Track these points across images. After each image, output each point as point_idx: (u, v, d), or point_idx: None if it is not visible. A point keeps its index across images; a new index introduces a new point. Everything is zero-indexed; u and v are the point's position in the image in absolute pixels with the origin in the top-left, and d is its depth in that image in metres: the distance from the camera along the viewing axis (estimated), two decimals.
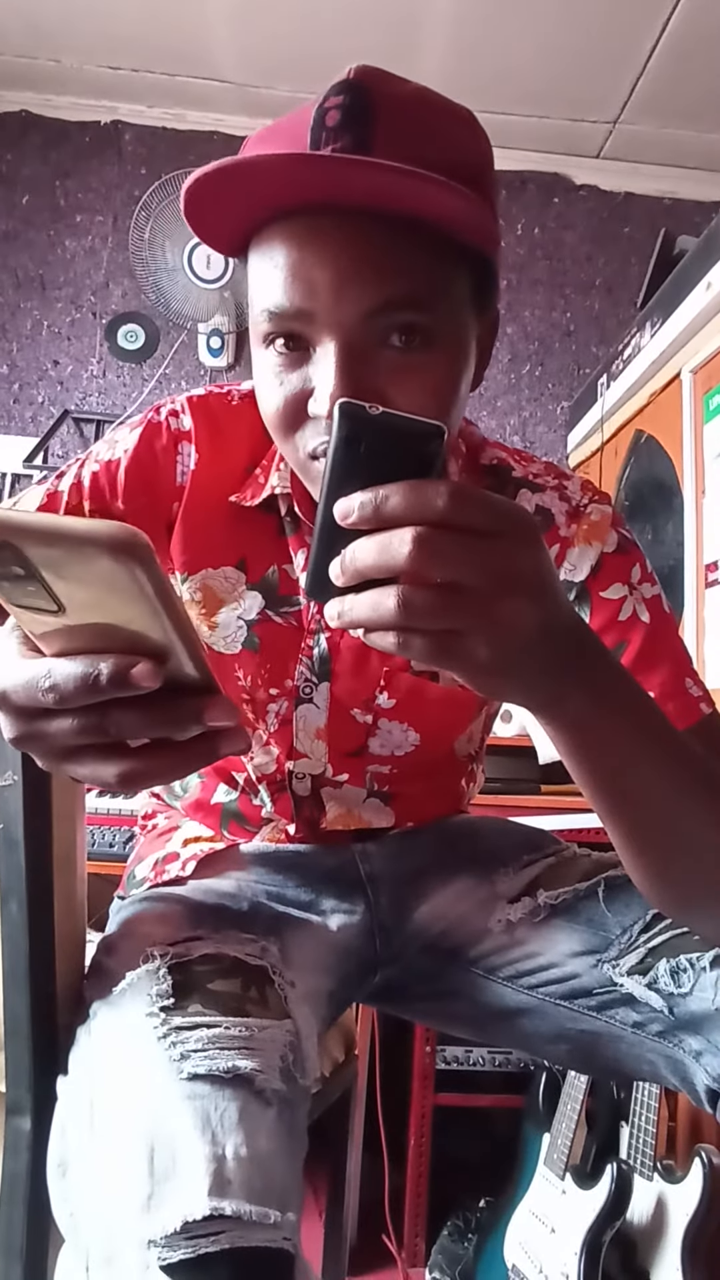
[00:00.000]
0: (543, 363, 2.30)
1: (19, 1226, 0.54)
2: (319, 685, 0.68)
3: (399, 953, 0.72)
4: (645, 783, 0.46)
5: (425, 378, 0.50)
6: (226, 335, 2.14)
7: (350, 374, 0.48)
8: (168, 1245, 0.38)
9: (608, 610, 0.62)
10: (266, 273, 0.50)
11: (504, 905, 0.68)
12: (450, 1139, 1.47)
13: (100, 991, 0.54)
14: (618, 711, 0.43)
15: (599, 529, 0.65)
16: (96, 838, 1.38)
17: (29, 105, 2.23)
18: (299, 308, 0.49)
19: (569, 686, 0.40)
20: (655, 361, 1.69)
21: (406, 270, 0.49)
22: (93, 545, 0.30)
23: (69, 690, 0.34)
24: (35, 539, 0.30)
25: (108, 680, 0.33)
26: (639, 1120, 1.18)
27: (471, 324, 0.54)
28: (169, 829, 0.77)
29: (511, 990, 0.67)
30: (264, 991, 0.53)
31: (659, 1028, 0.59)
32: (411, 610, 0.34)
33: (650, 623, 0.62)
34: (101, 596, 0.32)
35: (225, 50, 2.00)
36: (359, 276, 0.48)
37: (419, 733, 0.70)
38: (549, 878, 0.69)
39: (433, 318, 0.50)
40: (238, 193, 0.48)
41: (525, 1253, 1.21)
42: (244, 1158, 0.41)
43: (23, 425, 2.18)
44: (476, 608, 0.35)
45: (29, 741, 0.37)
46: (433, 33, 1.89)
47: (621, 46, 1.90)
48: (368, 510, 0.34)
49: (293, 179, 0.46)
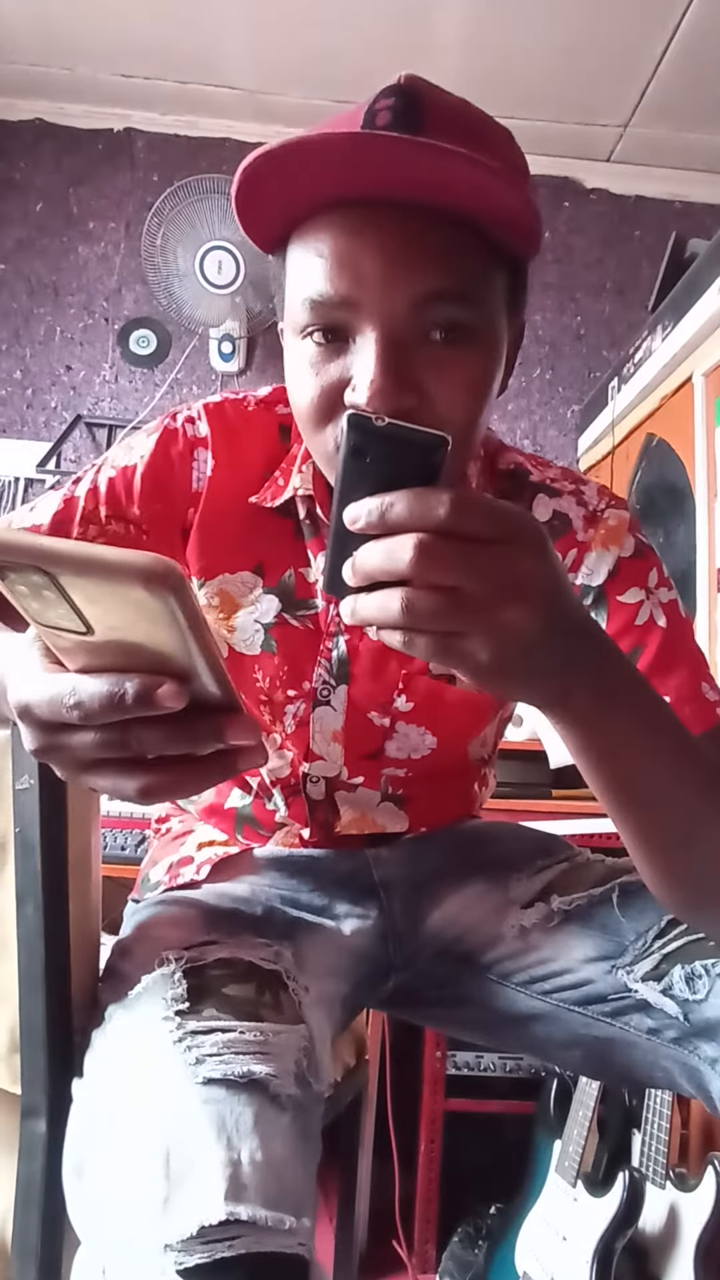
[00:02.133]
0: (553, 366, 2.29)
1: (34, 1229, 0.54)
2: (337, 688, 0.68)
3: (412, 958, 0.72)
4: (655, 783, 0.47)
5: (463, 374, 0.51)
6: (238, 340, 2.15)
7: (391, 365, 0.48)
8: (184, 1249, 0.38)
9: (624, 615, 0.62)
10: (309, 262, 0.50)
11: (517, 911, 0.68)
12: (461, 1145, 1.46)
13: (115, 995, 0.54)
14: (627, 711, 0.44)
15: (616, 534, 0.65)
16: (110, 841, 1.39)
17: (43, 114, 2.24)
18: (344, 296, 0.49)
19: (576, 684, 0.41)
20: (667, 365, 1.68)
21: (454, 264, 0.49)
22: (127, 575, 0.30)
23: (93, 708, 0.34)
24: (69, 567, 0.30)
25: (133, 699, 0.33)
26: (651, 1128, 1.18)
27: (505, 327, 0.55)
28: (183, 832, 0.78)
29: (525, 996, 0.66)
30: (278, 996, 0.53)
31: (674, 1034, 0.58)
32: (414, 612, 0.35)
33: (667, 627, 0.62)
34: (131, 621, 0.32)
35: (237, 58, 2.01)
36: (408, 267, 0.48)
37: (436, 736, 0.70)
38: (562, 883, 0.69)
39: (475, 314, 0.51)
40: (296, 173, 0.48)
41: (537, 1260, 1.20)
42: (259, 1163, 0.41)
43: (35, 430, 2.20)
44: (477, 611, 0.36)
45: (50, 753, 0.38)
46: (443, 37, 1.90)
47: (632, 50, 1.90)
48: (374, 517, 0.36)
49: (353, 159, 0.46)
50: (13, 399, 2.21)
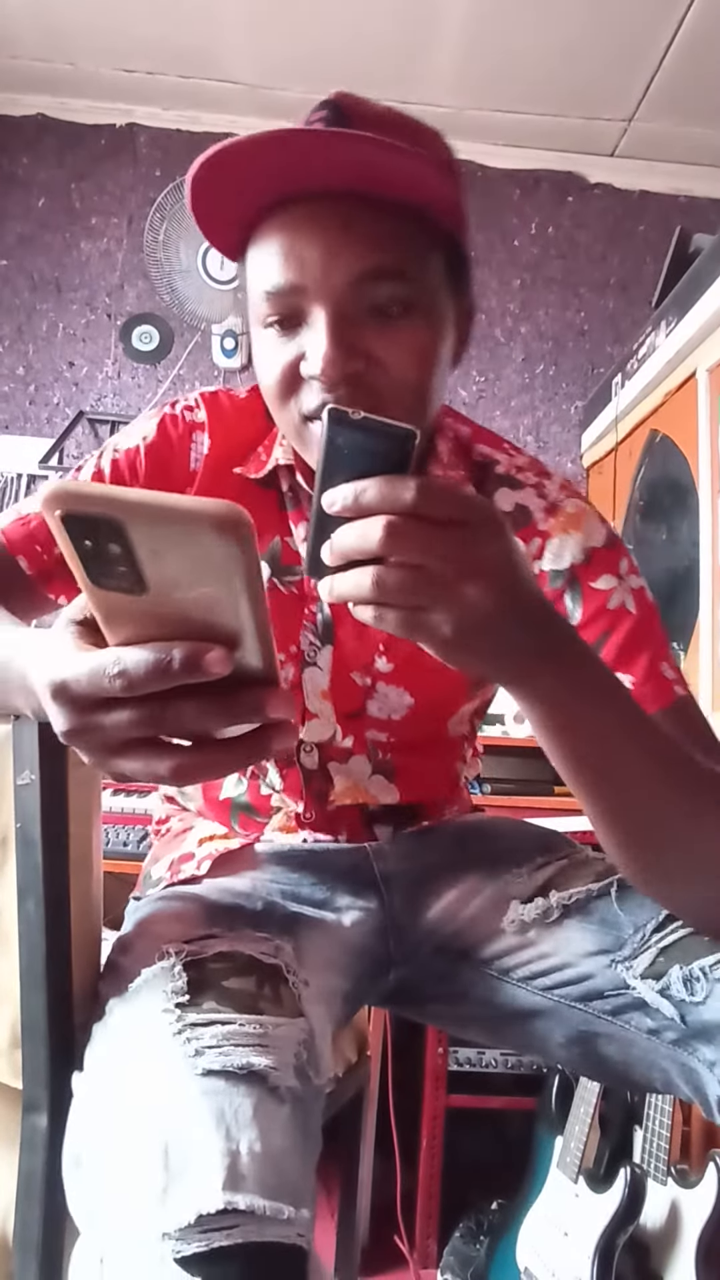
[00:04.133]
0: (556, 362, 2.29)
1: (35, 1222, 0.54)
2: (322, 649, 0.71)
3: (412, 953, 0.72)
4: (612, 758, 0.49)
5: (408, 342, 0.57)
6: (240, 336, 2.15)
7: (338, 336, 0.55)
8: (182, 1238, 0.38)
9: (597, 600, 0.66)
10: (263, 261, 0.57)
11: (517, 906, 0.68)
12: (463, 1140, 1.47)
13: (116, 989, 0.54)
14: (586, 691, 0.47)
15: (575, 519, 0.69)
16: (112, 837, 1.39)
17: (45, 109, 2.24)
18: (293, 283, 0.56)
19: (536, 665, 0.45)
20: (670, 361, 1.68)
21: (388, 244, 0.55)
22: (200, 520, 0.31)
23: (139, 675, 0.34)
24: (142, 515, 0.31)
25: (180, 665, 0.34)
26: (653, 1124, 1.18)
27: (448, 303, 0.61)
28: (183, 830, 0.78)
29: (525, 992, 0.67)
30: (278, 990, 0.53)
31: (673, 1036, 0.58)
32: (383, 588, 0.39)
33: (636, 613, 0.66)
34: (191, 576, 0.33)
35: (239, 52, 2.01)
36: (345, 249, 0.55)
37: (414, 697, 0.72)
38: (562, 879, 0.69)
39: (412, 289, 0.57)
40: (234, 176, 0.53)
41: (538, 1255, 1.21)
42: (258, 1154, 0.42)
43: (38, 426, 2.20)
44: (439, 588, 0.39)
45: (82, 734, 0.37)
46: (447, 31, 1.89)
47: (636, 44, 1.89)
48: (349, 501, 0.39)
49: (284, 153, 0.52)
50: (15, 395, 2.21)
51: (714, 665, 1.53)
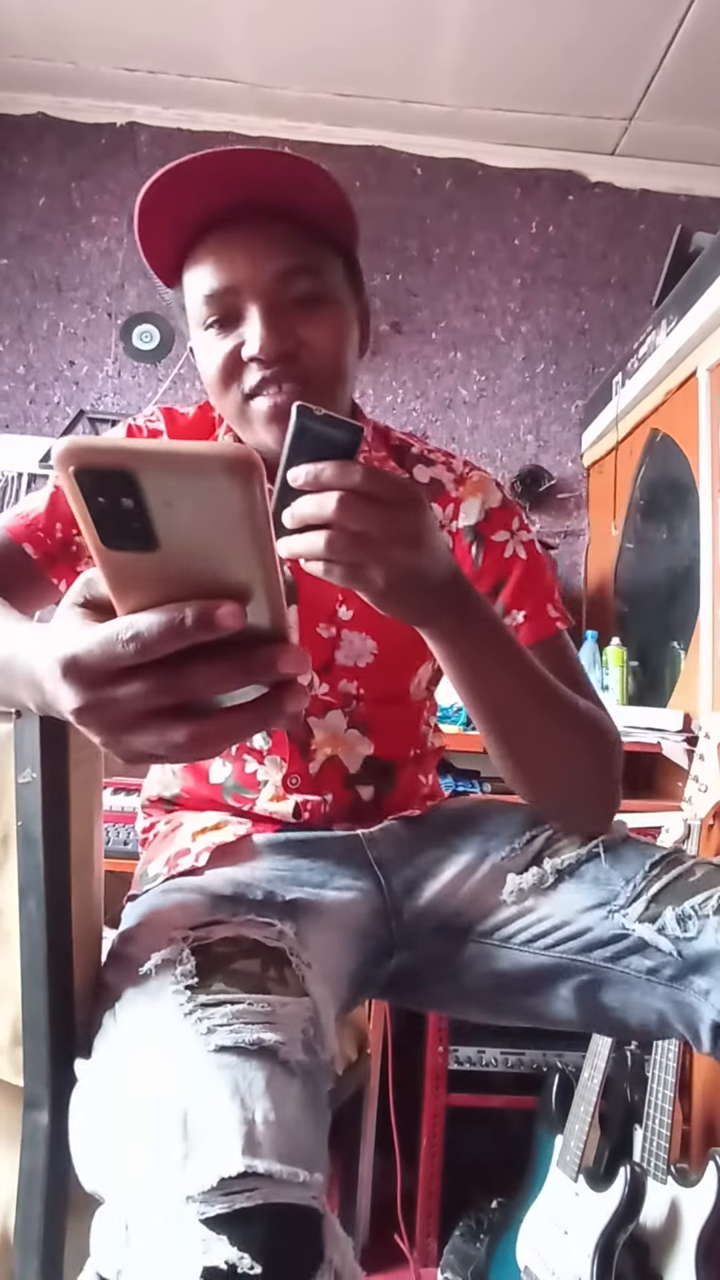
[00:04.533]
0: (557, 361, 2.29)
1: (36, 1219, 0.54)
2: (288, 609, 0.74)
3: (413, 936, 0.74)
4: (504, 688, 0.64)
5: (327, 326, 0.69)
6: None
7: (272, 323, 0.66)
8: (205, 1200, 0.40)
9: (495, 550, 0.80)
10: (199, 273, 0.68)
11: (513, 877, 0.72)
12: (463, 1139, 1.47)
13: (123, 976, 0.55)
14: (476, 631, 0.60)
15: (480, 485, 0.83)
16: (112, 835, 1.39)
17: (45, 108, 2.24)
18: (227, 285, 0.67)
19: (442, 609, 0.57)
20: (671, 360, 1.67)
21: (301, 248, 0.67)
22: (211, 464, 0.32)
23: (153, 636, 0.35)
24: (154, 463, 0.32)
25: (193, 622, 0.34)
26: (653, 1123, 1.18)
27: (349, 301, 0.73)
28: (171, 830, 0.79)
29: (528, 954, 0.69)
30: (283, 971, 0.55)
31: (670, 972, 0.63)
32: (333, 548, 0.48)
33: (527, 559, 0.80)
34: (203, 526, 0.33)
35: (239, 51, 2.01)
36: (268, 252, 0.66)
37: (375, 640, 0.80)
38: (551, 848, 0.73)
39: (325, 284, 0.69)
40: (167, 202, 0.64)
41: (538, 1254, 1.21)
42: (272, 1122, 0.43)
43: (39, 425, 2.20)
44: (375, 550, 0.49)
45: (94, 710, 0.38)
46: (447, 30, 1.89)
47: (637, 42, 1.89)
48: (309, 478, 0.48)
49: (213, 171, 0.63)
50: (16, 394, 2.21)
51: (714, 665, 1.53)
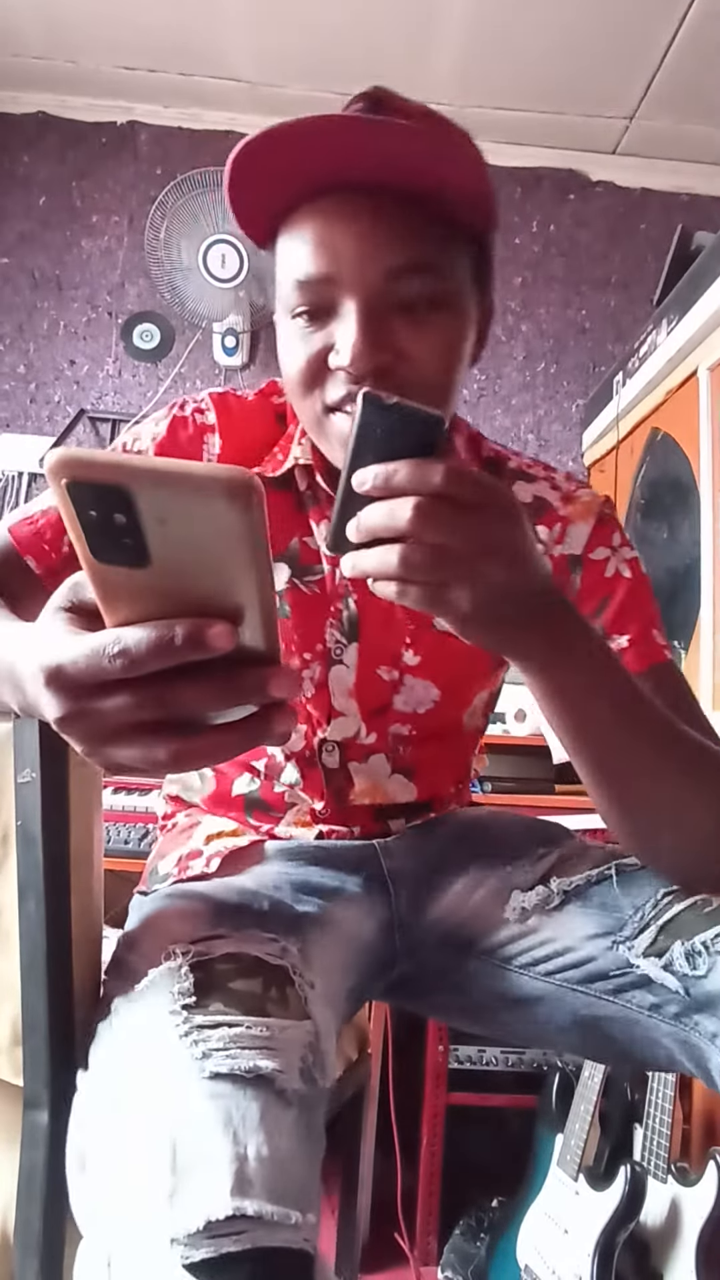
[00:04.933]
0: (558, 360, 2.29)
1: (36, 1219, 0.54)
2: (348, 646, 0.71)
3: (417, 947, 0.72)
4: (605, 723, 0.54)
5: (435, 338, 0.58)
6: (241, 335, 2.15)
7: (369, 329, 0.56)
8: (190, 1244, 0.37)
9: (596, 569, 0.71)
10: (295, 249, 0.57)
11: (518, 894, 0.69)
12: (463, 1138, 1.47)
13: (122, 987, 0.54)
14: (582, 661, 0.51)
15: (591, 507, 0.73)
16: (113, 835, 1.39)
17: (46, 106, 2.24)
18: (325, 273, 0.56)
19: (538, 636, 0.49)
20: (672, 359, 1.67)
21: (420, 240, 0.56)
22: (210, 486, 0.30)
23: (140, 653, 0.33)
24: (150, 481, 0.30)
25: (183, 640, 0.33)
26: (653, 1122, 1.18)
27: (472, 302, 0.62)
28: (189, 825, 0.77)
29: (528, 978, 0.67)
30: (284, 992, 0.53)
31: (675, 1009, 0.59)
32: (408, 565, 0.41)
33: (631, 579, 0.71)
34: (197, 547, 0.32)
35: (240, 50, 2.01)
36: (380, 243, 0.55)
37: (440, 688, 0.74)
38: (562, 867, 0.70)
39: (441, 285, 0.58)
40: (272, 162, 0.54)
41: (538, 1253, 1.21)
42: (265, 1158, 0.41)
43: (39, 425, 2.20)
44: (460, 566, 0.42)
45: (77, 721, 0.36)
46: (448, 29, 1.88)
47: (638, 41, 1.88)
48: (379, 481, 0.41)
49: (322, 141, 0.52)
50: (16, 393, 2.21)
51: (714, 664, 1.52)
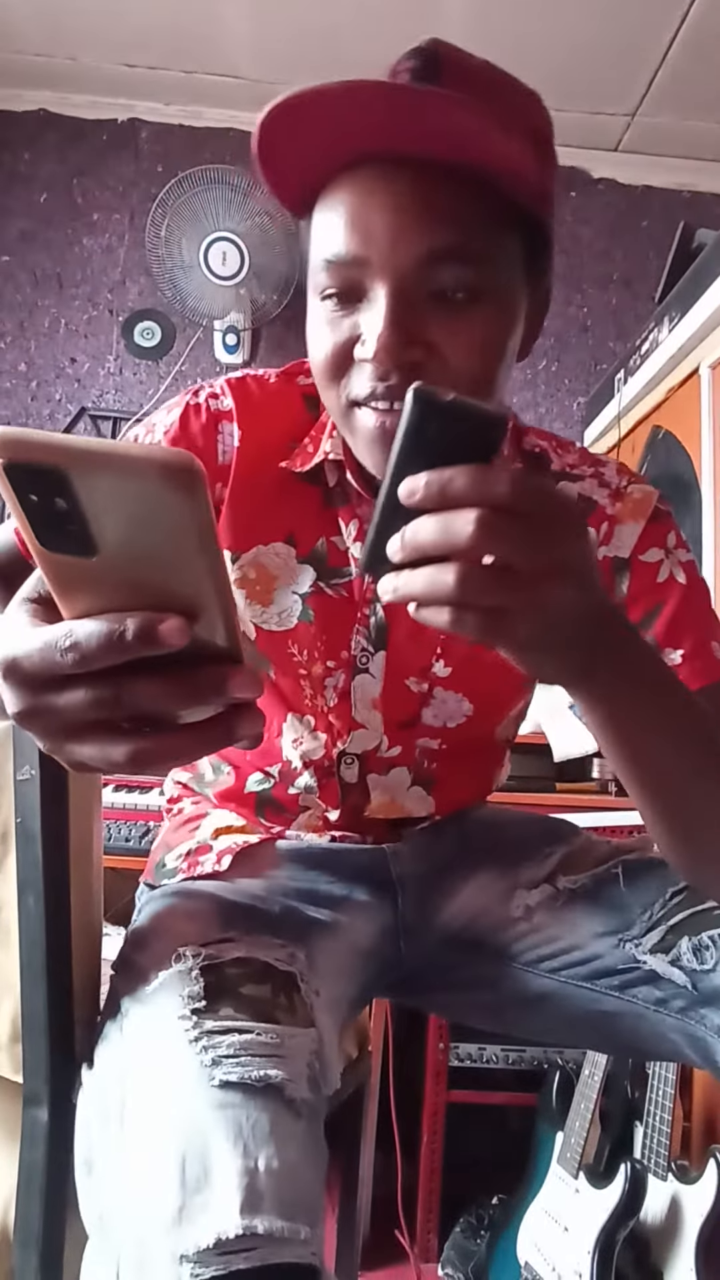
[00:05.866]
0: (559, 358, 2.28)
1: (36, 1216, 0.54)
2: (375, 654, 0.68)
3: (421, 949, 0.72)
4: (664, 752, 0.50)
5: (472, 332, 0.52)
6: (242, 332, 2.15)
7: (398, 320, 0.50)
8: (200, 1261, 0.37)
9: (647, 573, 0.65)
10: (328, 223, 0.53)
11: (524, 893, 0.69)
12: (463, 1136, 1.47)
13: (131, 987, 0.53)
14: (641, 687, 0.47)
15: (643, 506, 0.67)
16: (113, 832, 1.39)
17: (46, 104, 2.24)
18: (356, 254, 0.51)
19: (598, 663, 0.44)
20: (673, 357, 1.67)
21: (461, 222, 0.50)
22: (144, 468, 0.29)
23: (91, 648, 0.32)
24: (85, 464, 0.29)
25: (134, 635, 0.31)
26: (654, 1120, 1.18)
27: (522, 290, 0.56)
28: (196, 815, 0.75)
29: (534, 975, 0.66)
30: (292, 998, 0.53)
31: (681, 1004, 0.59)
32: (468, 587, 0.36)
33: (686, 584, 0.65)
34: (141, 535, 0.31)
35: (241, 47, 2.00)
36: (415, 224, 0.50)
37: (473, 703, 0.70)
38: (568, 865, 0.70)
39: (482, 273, 0.52)
40: (310, 126, 0.49)
41: (538, 1251, 1.21)
42: (275, 1170, 0.41)
43: (40, 423, 2.19)
44: (524, 588, 0.37)
45: (34, 716, 0.35)
46: (449, 24, 1.88)
47: (640, 38, 1.88)
48: (433, 490, 0.35)
49: (369, 108, 0.47)
50: (17, 391, 2.21)
51: None
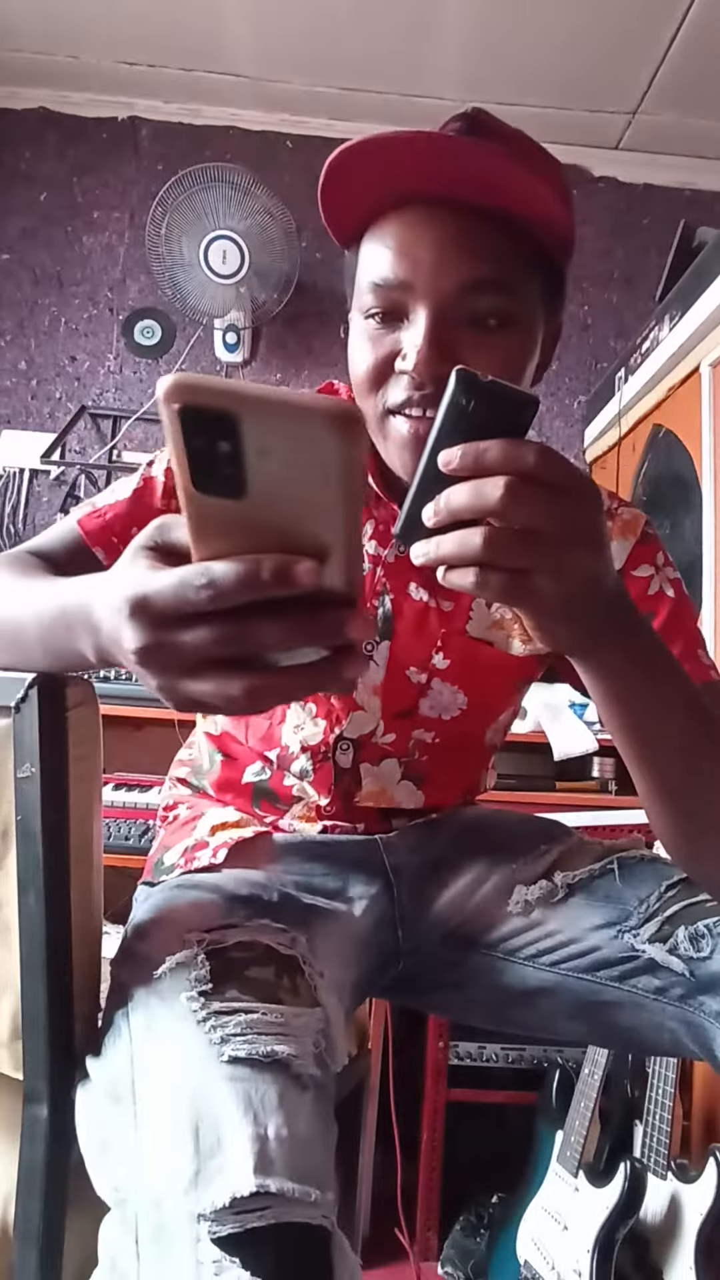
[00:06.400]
0: (559, 357, 2.27)
1: (36, 1214, 0.54)
2: (380, 644, 0.72)
3: (419, 944, 0.73)
4: (667, 729, 0.54)
5: (499, 355, 0.59)
6: (242, 331, 2.14)
7: (436, 338, 0.57)
8: (216, 1219, 0.39)
9: (638, 587, 0.70)
10: (378, 252, 0.60)
11: (521, 889, 0.70)
12: (463, 1134, 1.47)
13: (135, 975, 0.55)
14: (646, 664, 0.51)
15: (631, 526, 0.73)
16: (113, 831, 1.39)
17: (47, 102, 2.23)
18: (402, 279, 0.59)
19: (609, 635, 0.48)
20: (674, 355, 1.67)
21: (497, 258, 0.58)
22: (315, 415, 0.31)
23: (227, 585, 0.34)
24: (258, 409, 0.31)
25: (270, 575, 0.33)
26: (653, 1119, 1.18)
27: (540, 322, 0.63)
28: (192, 818, 0.77)
29: (532, 969, 0.68)
30: (295, 981, 0.54)
31: (680, 992, 0.60)
32: (494, 547, 0.40)
33: (675, 599, 0.70)
34: (294, 479, 0.33)
35: (241, 45, 2.00)
36: (458, 256, 0.58)
37: (468, 696, 0.73)
38: (565, 862, 0.72)
39: (513, 304, 0.60)
40: (368, 169, 0.57)
41: (538, 1249, 1.21)
42: (284, 1138, 0.43)
43: (40, 421, 2.19)
44: (548, 551, 0.41)
45: (155, 652, 0.37)
46: (450, 22, 1.88)
47: (641, 36, 1.88)
48: (469, 459, 0.40)
49: (423, 155, 0.55)
50: (17, 390, 2.21)
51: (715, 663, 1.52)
